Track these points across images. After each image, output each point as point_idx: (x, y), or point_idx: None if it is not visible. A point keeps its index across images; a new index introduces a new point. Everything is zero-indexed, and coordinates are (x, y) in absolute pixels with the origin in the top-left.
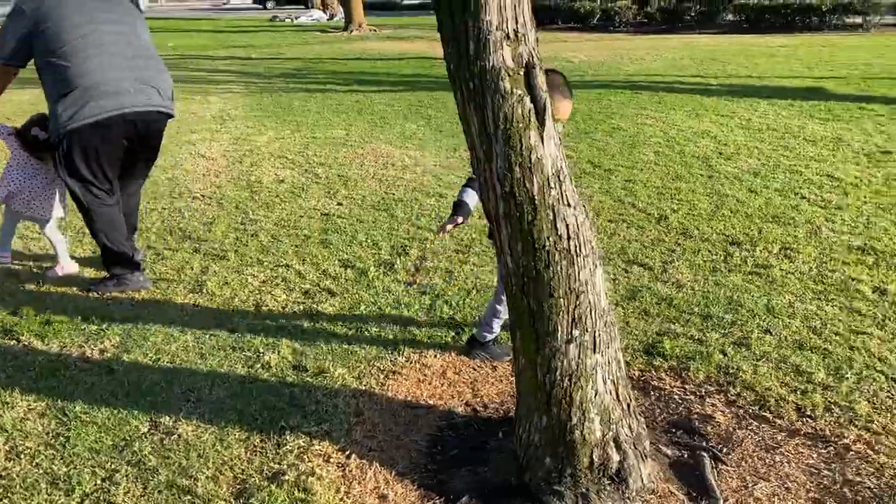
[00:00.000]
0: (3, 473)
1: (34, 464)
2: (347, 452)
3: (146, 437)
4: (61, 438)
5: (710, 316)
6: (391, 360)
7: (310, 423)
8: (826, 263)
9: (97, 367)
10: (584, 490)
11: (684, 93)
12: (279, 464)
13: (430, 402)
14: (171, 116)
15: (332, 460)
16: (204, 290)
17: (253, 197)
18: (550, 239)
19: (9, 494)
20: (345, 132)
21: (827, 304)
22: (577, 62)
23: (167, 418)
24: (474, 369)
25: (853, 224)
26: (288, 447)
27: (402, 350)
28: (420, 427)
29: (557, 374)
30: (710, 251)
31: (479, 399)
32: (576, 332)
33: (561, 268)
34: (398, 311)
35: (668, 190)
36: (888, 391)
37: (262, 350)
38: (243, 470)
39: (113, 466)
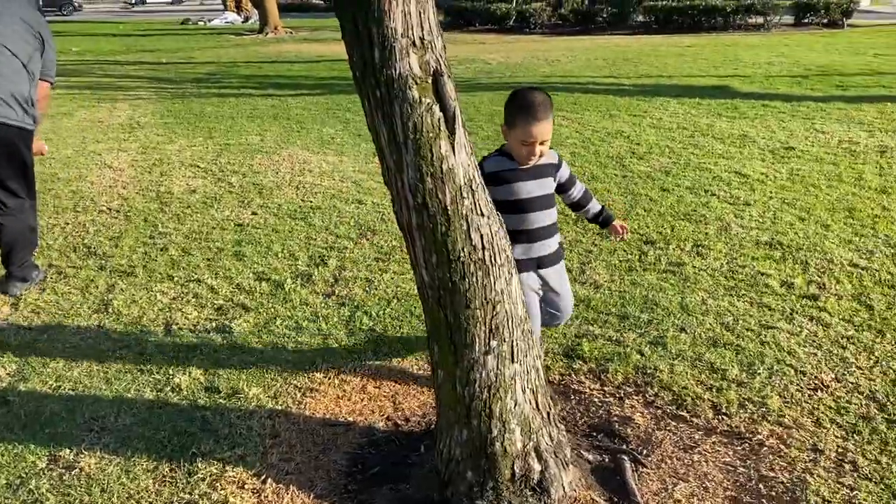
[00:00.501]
0: None
1: None
2: (263, 477)
3: (44, 474)
4: None
5: (627, 316)
6: (308, 377)
7: (223, 447)
8: (736, 259)
9: None
10: (506, 503)
11: (598, 93)
12: (190, 493)
13: (350, 418)
14: (18, 129)
15: (246, 486)
16: (110, 310)
17: (163, 209)
18: (465, 250)
19: None
20: (259, 138)
21: (738, 300)
22: (495, 64)
23: (68, 451)
24: (395, 382)
25: (760, 220)
26: (199, 475)
27: (320, 365)
28: (339, 445)
29: (476, 386)
30: (625, 251)
31: (400, 413)
32: (493, 343)
33: (476, 279)
34: (316, 324)
35: None
36: (797, 385)
37: (171, 372)
38: (151, 503)
39: None
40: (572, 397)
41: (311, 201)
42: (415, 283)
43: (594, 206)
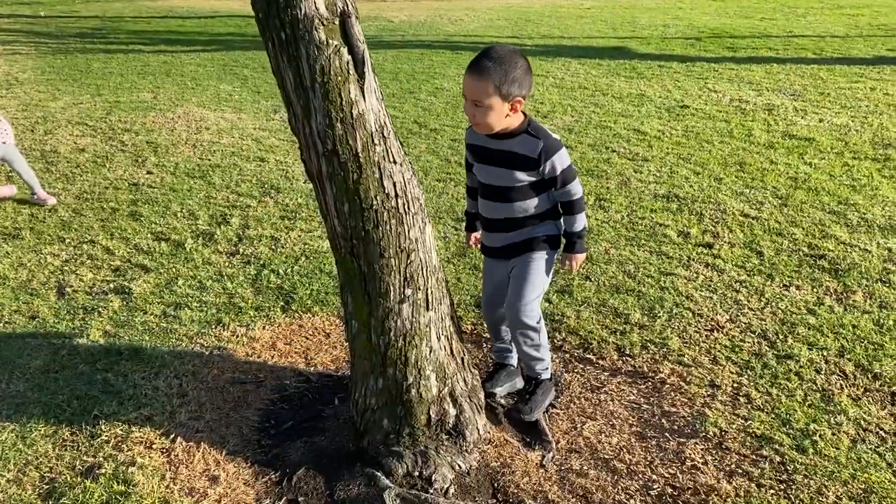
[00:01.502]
0: None
1: None
2: (172, 436)
3: None
4: None
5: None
6: (216, 336)
7: (128, 409)
8: (636, 212)
9: None
10: (422, 448)
11: None
12: (94, 457)
13: (261, 375)
14: None
15: (154, 446)
16: None
17: (49, 168)
18: (378, 198)
19: None
20: (152, 95)
21: (639, 250)
22: (398, 21)
23: None
24: (306, 338)
25: (658, 174)
26: (103, 437)
27: (228, 324)
28: (251, 402)
29: (392, 334)
30: None
31: (312, 368)
32: (408, 291)
33: (390, 227)
34: (221, 283)
35: None
36: (695, 326)
37: (67, 335)
38: (51, 468)
39: None
40: (484, 345)
41: (209, 160)
42: (324, 239)
43: (571, 225)
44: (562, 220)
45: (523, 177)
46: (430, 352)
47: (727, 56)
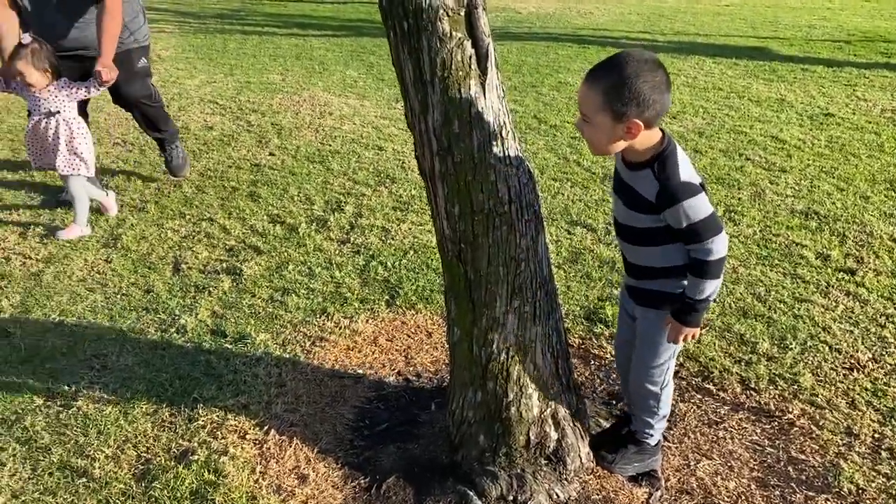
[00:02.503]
0: None
1: None
2: (266, 428)
3: (40, 411)
4: None
5: None
6: (319, 326)
7: (226, 394)
8: (770, 227)
9: None
10: (519, 471)
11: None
12: (189, 440)
13: (360, 371)
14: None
15: (248, 437)
16: (119, 245)
17: None
18: (490, 202)
19: None
20: (281, 77)
21: (771, 270)
22: (525, 13)
23: (66, 388)
24: (408, 336)
25: (797, 187)
26: (200, 422)
27: (332, 315)
28: (347, 398)
29: (494, 346)
30: None
31: (412, 368)
32: (515, 303)
33: (501, 233)
34: (329, 271)
35: None
36: (832, 363)
37: (178, 312)
38: (148, 448)
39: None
40: (592, 362)
41: (330, 145)
42: (434, 235)
43: (693, 288)
44: (687, 276)
45: (645, 220)
46: (534, 369)
47: (880, 62)
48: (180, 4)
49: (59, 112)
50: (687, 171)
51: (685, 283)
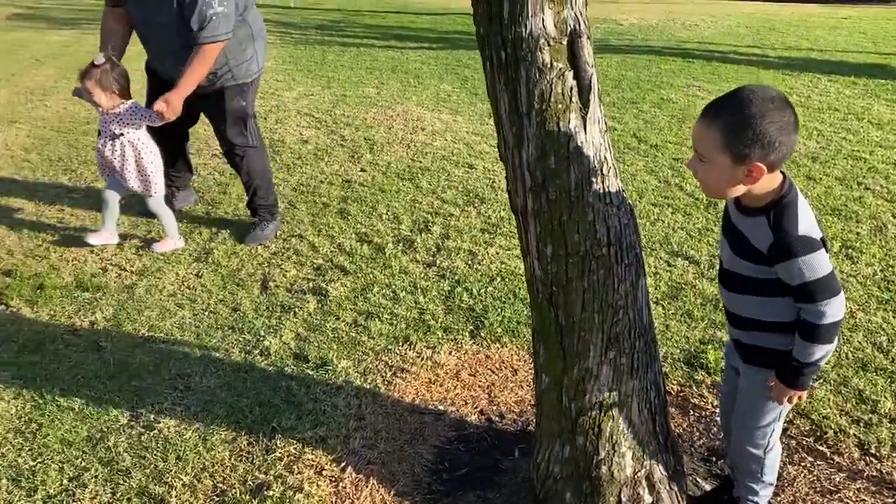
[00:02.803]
0: None
1: None
2: (343, 464)
3: (123, 431)
4: (33, 425)
5: None
6: (401, 355)
7: (304, 425)
8: (893, 267)
9: (84, 343)
10: None
11: (740, 64)
12: (265, 473)
13: (441, 407)
14: None
15: (324, 473)
16: (210, 259)
17: (274, 157)
18: (587, 243)
19: None
20: (376, 91)
21: (894, 316)
22: (627, 25)
23: (149, 408)
24: (492, 371)
25: None
26: (277, 454)
27: (414, 343)
28: (427, 437)
29: (586, 399)
30: None
31: (495, 407)
32: (611, 354)
33: (598, 277)
34: (413, 296)
35: None
36: None
37: (262, 333)
38: (224, 479)
39: (83, 464)
40: (691, 413)
41: (420, 162)
42: (521, 259)
43: (801, 351)
44: (795, 335)
45: (752, 270)
46: (629, 426)
47: None
48: (283, 15)
49: (122, 134)
50: (807, 223)
51: (792, 340)
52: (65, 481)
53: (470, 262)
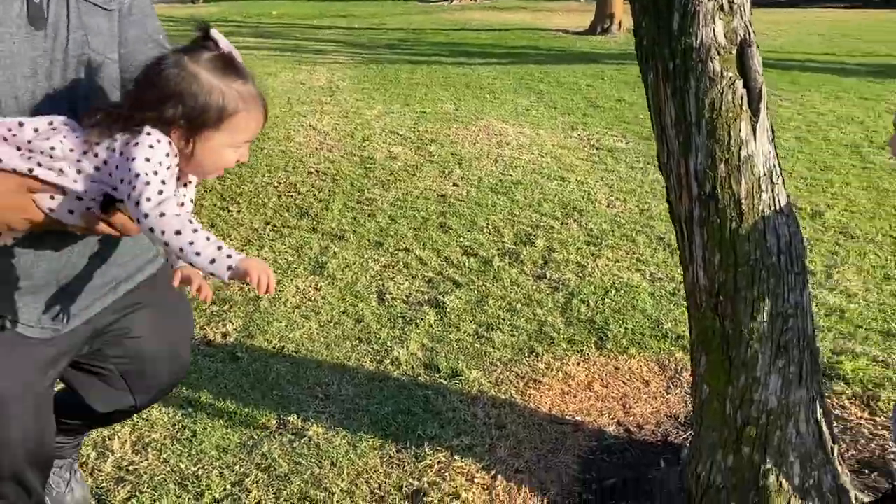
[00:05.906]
0: (131, 468)
1: (161, 459)
2: (493, 472)
3: (274, 438)
4: (188, 432)
5: (893, 333)
6: (530, 366)
7: (448, 434)
8: None
9: (221, 353)
10: None
11: (818, 72)
12: (419, 480)
13: (577, 417)
14: None
15: (476, 480)
16: (325, 273)
17: (367, 174)
18: (757, 252)
19: (137, 493)
20: (454, 107)
21: None
22: None
23: (295, 416)
24: (624, 383)
25: None
26: (427, 461)
27: (541, 355)
28: (568, 447)
29: (753, 409)
30: (878, 255)
31: (631, 418)
32: (780, 363)
33: (767, 287)
34: (530, 308)
35: (818, 181)
36: None
37: (389, 344)
38: (380, 485)
39: (242, 469)
40: (835, 424)
41: (511, 175)
42: (634, 272)
43: None
44: None
45: None
46: (797, 436)
47: None
48: (351, 35)
49: None
50: None
51: None
52: (228, 486)
53: (580, 275)
